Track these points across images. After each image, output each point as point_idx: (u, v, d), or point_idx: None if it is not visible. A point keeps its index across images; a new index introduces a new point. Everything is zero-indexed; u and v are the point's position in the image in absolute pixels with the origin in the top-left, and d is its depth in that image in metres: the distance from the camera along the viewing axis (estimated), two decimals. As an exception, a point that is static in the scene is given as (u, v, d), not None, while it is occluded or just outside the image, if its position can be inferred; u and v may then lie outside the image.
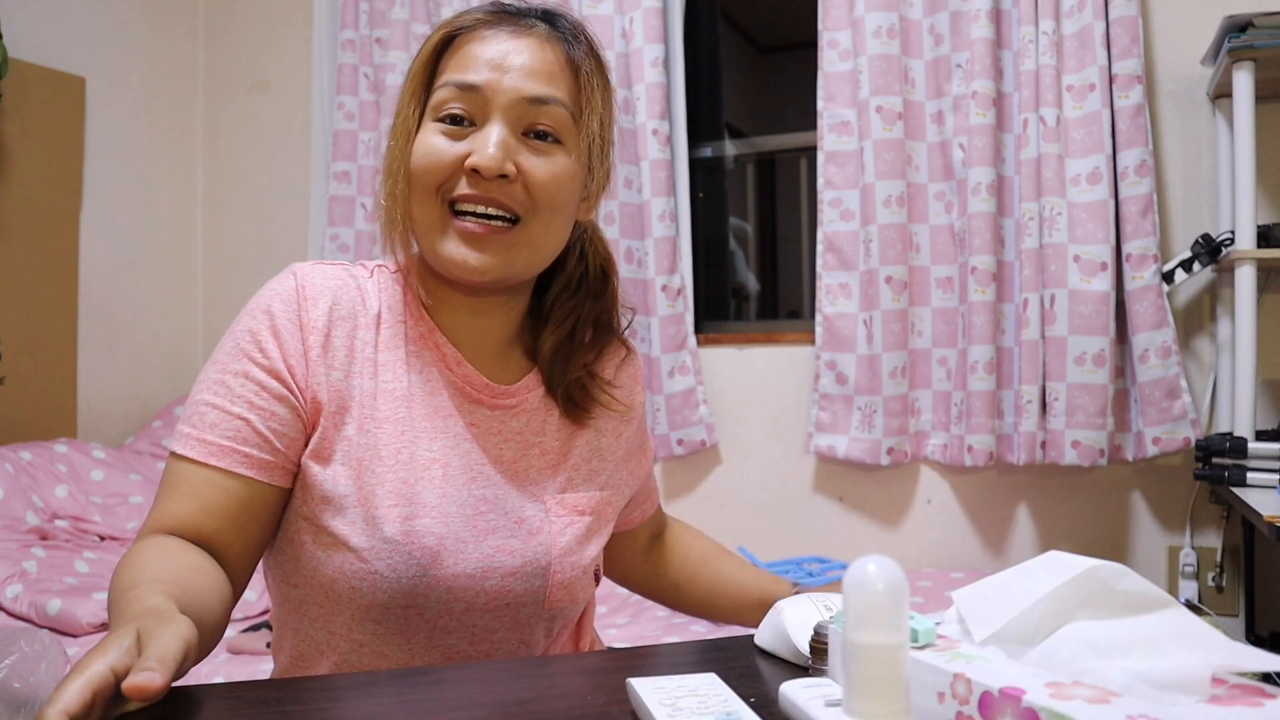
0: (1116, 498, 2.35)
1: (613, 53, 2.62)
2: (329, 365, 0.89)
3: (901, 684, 0.47)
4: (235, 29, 3.24)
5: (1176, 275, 2.19)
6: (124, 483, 2.47)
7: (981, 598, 0.61)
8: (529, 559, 0.91)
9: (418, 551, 0.87)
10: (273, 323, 0.88)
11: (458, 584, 0.88)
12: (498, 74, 0.88)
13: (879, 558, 0.48)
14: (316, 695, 0.71)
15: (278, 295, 0.90)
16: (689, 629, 2.00)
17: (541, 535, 0.93)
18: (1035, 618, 0.58)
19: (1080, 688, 0.51)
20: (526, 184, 0.88)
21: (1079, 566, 0.57)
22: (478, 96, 0.88)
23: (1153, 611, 0.55)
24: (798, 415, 2.58)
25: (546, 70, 0.89)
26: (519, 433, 0.95)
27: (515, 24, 0.91)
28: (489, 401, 0.94)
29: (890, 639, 0.47)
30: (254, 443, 0.85)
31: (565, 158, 0.90)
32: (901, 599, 0.47)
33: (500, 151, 0.86)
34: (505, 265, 0.89)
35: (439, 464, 0.91)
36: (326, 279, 0.92)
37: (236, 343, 0.88)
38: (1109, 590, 0.56)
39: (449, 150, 0.88)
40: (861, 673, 0.47)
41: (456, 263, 0.88)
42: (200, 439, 0.85)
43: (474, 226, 0.87)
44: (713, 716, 0.57)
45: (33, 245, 2.67)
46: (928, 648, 0.59)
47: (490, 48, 0.89)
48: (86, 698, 0.57)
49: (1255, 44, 1.91)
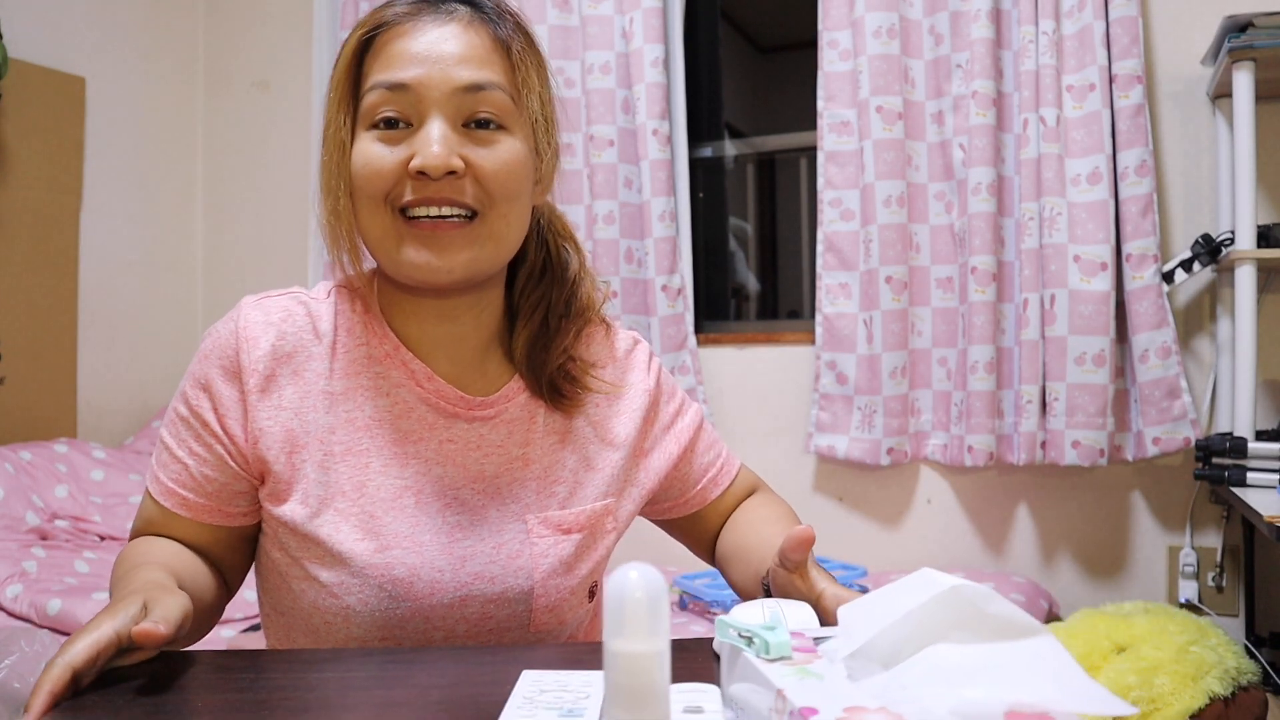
0: (1116, 498, 2.35)
1: (612, 53, 2.62)
2: (277, 406, 0.86)
3: (658, 692, 0.46)
4: (235, 29, 3.24)
5: (1176, 275, 2.19)
6: (124, 483, 2.47)
7: (858, 614, 0.60)
8: (509, 585, 0.88)
9: (388, 584, 0.85)
10: (206, 379, 0.87)
11: (435, 614, 0.86)
12: (427, 67, 0.83)
13: (641, 565, 0.47)
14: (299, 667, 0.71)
15: (215, 347, 0.88)
16: (689, 629, 2.00)
17: (522, 559, 0.89)
18: (898, 636, 0.57)
19: (882, 714, 0.50)
20: (477, 176, 0.84)
21: (942, 586, 0.56)
22: (409, 95, 0.83)
23: (1021, 638, 0.54)
24: (798, 415, 2.58)
25: (477, 55, 0.85)
26: (500, 445, 0.91)
27: (435, 12, 0.86)
28: (465, 414, 0.90)
29: (647, 647, 0.46)
30: (192, 487, 0.87)
31: (512, 142, 0.86)
32: (660, 608, 0.46)
33: (444, 148, 0.82)
34: (470, 263, 0.85)
35: (411, 491, 0.88)
36: (269, 315, 0.88)
37: (183, 387, 0.89)
38: (980, 613, 0.55)
39: (390, 157, 0.83)
40: (618, 680, 0.46)
41: (419, 266, 0.84)
42: (155, 476, 0.89)
43: (431, 226, 0.83)
44: (554, 712, 0.57)
45: (33, 245, 2.67)
46: (780, 660, 0.58)
47: (414, 41, 0.84)
48: (92, 655, 0.66)
49: (1255, 44, 1.91)
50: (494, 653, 0.80)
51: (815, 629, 0.69)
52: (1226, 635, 1.81)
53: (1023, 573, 2.37)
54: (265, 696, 0.68)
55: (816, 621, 0.73)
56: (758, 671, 0.57)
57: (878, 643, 0.57)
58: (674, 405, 1.03)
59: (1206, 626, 1.79)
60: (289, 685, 0.71)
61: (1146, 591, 2.32)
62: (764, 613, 0.75)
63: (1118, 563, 2.35)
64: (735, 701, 0.60)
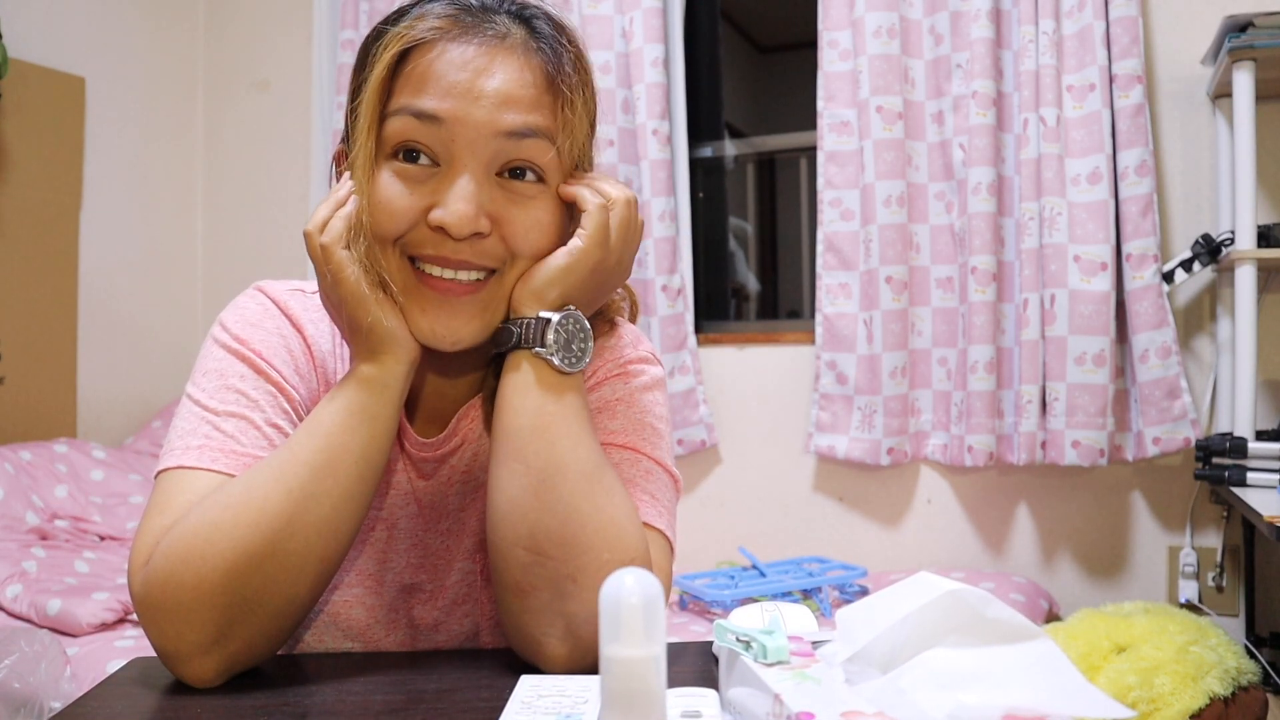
0: (1116, 498, 2.35)
1: (612, 53, 2.62)
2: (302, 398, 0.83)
3: (655, 697, 0.46)
4: (235, 29, 3.24)
5: (1176, 275, 2.19)
6: (124, 483, 2.47)
7: (856, 617, 0.60)
8: (455, 632, 0.86)
9: (344, 623, 0.83)
10: (285, 342, 0.83)
11: (396, 651, 0.84)
12: (465, 102, 0.72)
13: (636, 570, 0.47)
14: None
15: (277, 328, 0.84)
16: (689, 629, 2.00)
17: (468, 604, 0.85)
18: (896, 641, 0.57)
19: (879, 718, 0.50)
20: (504, 235, 0.75)
21: (939, 590, 0.56)
22: (441, 130, 0.72)
23: (1019, 642, 0.54)
24: (798, 415, 2.58)
25: (526, 96, 0.74)
26: (466, 469, 0.85)
27: (483, 32, 0.74)
28: (431, 456, 0.84)
29: (643, 652, 0.46)
30: (265, 446, 0.78)
31: (549, 199, 0.77)
32: (656, 613, 0.46)
33: (471, 207, 0.72)
34: (480, 330, 0.76)
35: (385, 525, 0.84)
36: (308, 313, 0.85)
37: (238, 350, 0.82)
38: (978, 617, 0.55)
39: (408, 200, 0.73)
40: (614, 686, 0.46)
41: (423, 332, 0.75)
42: (202, 446, 0.76)
43: (442, 288, 0.75)
44: (552, 717, 0.57)
45: (33, 245, 2.67)
46: (778, 665, 0.58)
47: (453, 66, 0.72)
48: None
49: (1255, 44, 1.91)
50: (492, 657, 0.80)
51: (813, 633, 0.69)
52: (1226, 635, 1.81)
53: (1023, 573, 2.37)
54: (264, 702, 0.68)
55: (815, 626, 0.74)
56: (755, 676, 0.57)
57: (875, 647, 0.58)
58: (607, 417, 0.84)
59: (1206, 626, 1.79)
60: (287, 691, 0.71)
61: (1146, 591, 2.32)
62: (763, 617, 0.75)
63: (1118, 563, 2.35)
64: (733, 705, 0.60)
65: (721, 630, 0.63)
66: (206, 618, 0.68)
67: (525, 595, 0.72)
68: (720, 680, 0.65)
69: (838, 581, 2.13)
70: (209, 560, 0.68)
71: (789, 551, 2.52)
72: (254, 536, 0.69)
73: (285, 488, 0.70)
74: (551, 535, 0.71)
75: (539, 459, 0.72)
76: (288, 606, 0.71)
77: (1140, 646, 1.72)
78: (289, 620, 0.72)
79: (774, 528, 2.59)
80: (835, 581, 2.13)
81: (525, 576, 0.72)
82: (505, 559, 0.73)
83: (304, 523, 0.70)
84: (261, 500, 0.70)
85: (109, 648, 1.81)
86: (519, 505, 0.72)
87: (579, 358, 0.75)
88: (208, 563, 0.68)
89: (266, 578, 0.69)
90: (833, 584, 2.13)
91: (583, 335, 0.76)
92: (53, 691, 1.64)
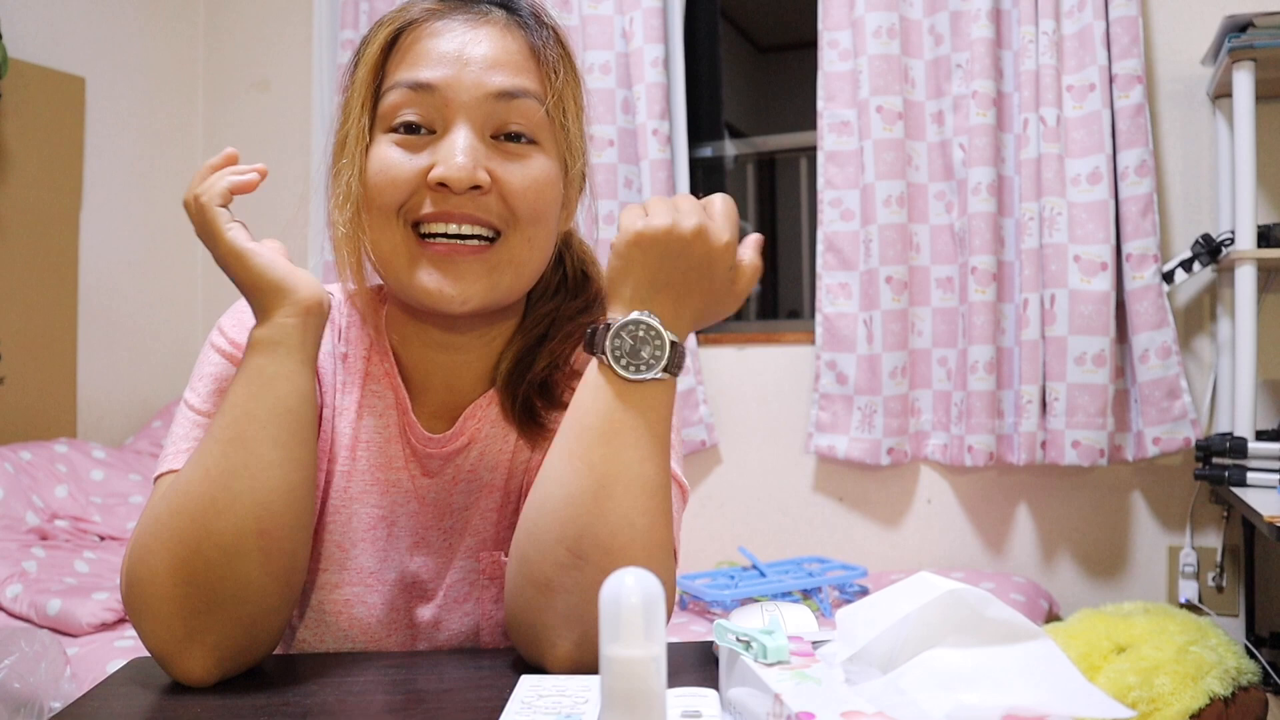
0: (1116, 498, 2.35)
1: (612, 53, 2.62)
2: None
3: (655, 697, 0.46)
4: (235, 29, 3.24)
5: (1176, 275, 2.19)
6: (124, 483, 2.47)
7: (856, 617, 0.60)
8: (455, 630, 0.85)
9: (343, 622, 0.83)
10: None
11: (398, 650, 0.84)
12: (455, 69, 0.76)
13: (636, 570, 0.47)
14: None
15: None
16: (689, 629, 2.00)
17: (468, 604, 0.85)
18: (896, 640, 0.57)
19: (880, 718, 0.50)
20: (503, 194, 0.77)
21: (939, 590, 0.56)
22: (434, 97, 0.76)
23: (1019, 642, 0.54)
24: (798, 415, 2.58)
25: (512, 60, 0.78)
26: (472, 469, 0.85)
27: (469, 12, 0.79)
28: (438, 453, 0.84)
29: (643, 652, 0.46)
30: None
31: (544, 159, 0.79)
32: (656, 613, 0.46)
33: (469, 159, 0.75)
34: (488, 291, 0.78)
35: (384, 523, 0.83)
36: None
37: None
38: (978, 617, 0.55)
39: (408, 165, 0.76)
40: (614, 686, 0.46)
41: (430, 293, 0.77)
42: None
43: (446, 249, 0.77)
44: (552, 717, 0.57)
45: (33, 245, 2.67)
46: (778, 665, 0.58)
47: (442, 40, 0.77)
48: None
49: (1255, 44, 1.91)
50: (492, 657, 0.80)
51: (813, 633, 0.69)
52: (1226, 635, 1.81)
53: (1023, 573, 2.37)
54: (264, 702, 0.68)
55: (815, 626, 0.73)
56: (755, 676, 0.57)
57: (875, 647, 0.58)
58: None
59: (1206, 626, 1.80)
60: (287, 691, 0.71)
61: (1146, 591, 2.32)
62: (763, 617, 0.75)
63: (1118, 563, 2.35)
64: (734, 705, 0.60)
65: (721, 630, 0.63)
66: (170, 610, 0.70)
67: (552, 594, 0.70)
68: (720, 680, 0.65)
69: (838, 581, 2.13)
70: (155, 554, 0.70)
71: (789, 551, 2.52)
72: (184, 523, 0.70)
73: (203, 469, 0.71)
74: (599, 542, 0.69)
75: (604, 464, 0.70)
76: (244, 590, 0.71)
77: (1140, 646, 1.72)
78: (257, 606, 0.72)
79: (774, 528, 2.59)
80: (835, 581, 2.13)
81: (558, 575, 0.70)
82: (543, 554, 0.71)
83: (227, 500, 0.70)
84: (185, 486, 0.71)
85: (109, 648, 1.81)
86: (574, 505, 0.70)
87: (649, 365, 0.70)
88: (155, 556, 0.70)
89: (209, 562, 0.70)
90: (833, 584, 2.13)
91: (658, 342, 0.70)
92: (53, 691, 1.64)
